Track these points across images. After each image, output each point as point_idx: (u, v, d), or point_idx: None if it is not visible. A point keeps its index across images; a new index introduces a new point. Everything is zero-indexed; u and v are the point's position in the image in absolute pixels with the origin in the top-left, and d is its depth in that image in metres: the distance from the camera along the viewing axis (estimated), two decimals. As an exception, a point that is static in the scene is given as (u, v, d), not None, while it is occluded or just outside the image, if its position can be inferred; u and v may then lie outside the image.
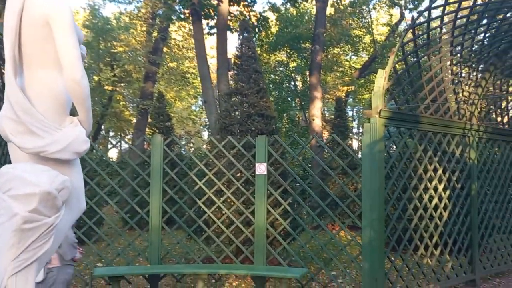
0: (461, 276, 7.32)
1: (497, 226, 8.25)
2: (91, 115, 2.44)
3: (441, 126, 7.11)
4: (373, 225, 5.98)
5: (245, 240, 7.37)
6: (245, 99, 8.86)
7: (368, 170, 6.10)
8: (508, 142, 8.67)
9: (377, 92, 6.20)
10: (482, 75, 7.71)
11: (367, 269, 6.00)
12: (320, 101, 19.84)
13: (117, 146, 30.65)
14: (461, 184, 7.49)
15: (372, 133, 6.10)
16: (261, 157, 6.82)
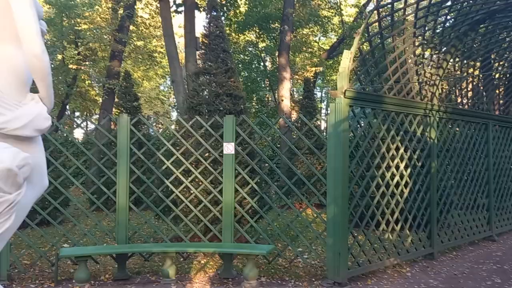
0: (420, 250, 7.67)
1: (455, 202, 8.65)
2: (52, 92, 2.42)
3: (404, 106, 7.33)
4: (337, 202, 6.17)
5: (213, 219, 7.46)
6: (213, 79, 8.83)
7: (333, 149, 6.26)
8: (467, 122, 9.03)
9: (342, 72, 6.32)
10: (444, 56, 7.95)
11: (331, 244, 6.21)
12: (289, 82, 19.96)
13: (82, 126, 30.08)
14: (421, 162, 7.78)
15: (337, 113, 6.24)
16: (229, 136, 6.86)
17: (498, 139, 10.12)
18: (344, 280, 6.14)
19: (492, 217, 9.57)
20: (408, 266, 7.30)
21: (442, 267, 7.31)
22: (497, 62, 10.31)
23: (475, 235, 9.06)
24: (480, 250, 8.56)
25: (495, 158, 9.88)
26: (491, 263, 7.52)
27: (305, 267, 7.03)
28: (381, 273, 6.87)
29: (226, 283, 6.34)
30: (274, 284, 6.32)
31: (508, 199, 10.38)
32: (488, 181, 9.60)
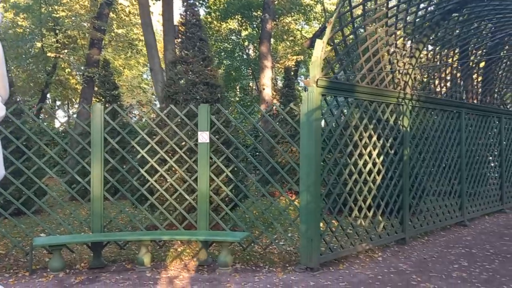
0: (393, 236, 7.86)
1: (427, 189, 8.86)
2: (6, 82, 2.43)
3: (377, 95, 7.45)
4: (310, 190, 6.29)
5: (190, 207, 7.53)
6: (190, 68, 8.83)
7: (306, 138, 6.35)
8: (440, 111, 9.21)
9: (314, 62, 6.39)
10: (416, 46, 8.07)
11: (304, 231, 6.34)
12: (270, 71, 20.00)
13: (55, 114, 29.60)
14: (394, 150, 7.94)
15: (310, 102, 6.32)
16: (203, 125, 6.91)
17: (471, 127, 10.35)
18: (316, 265, 6.29)
19: (464, 203, 9.83)
20: (380, 251, 7.49)
21: (413, 251, 7.52)
22: (474, 51, 10.51)
23: (447, 220, 9.31)
24: (451, 235, 8.81)
25: (467, 145, 10.11)
26: (460, 247, 7.76)
27: (279, 253, 7.16)
28: (354, 258, 7.05)
29: (201, 270, 6.44)
30: (248, 270, 6.44)
31: (480, 186, 10.66)
32: (460, 168, 9.84)
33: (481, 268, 6.47)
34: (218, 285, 5.76)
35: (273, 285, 5.72)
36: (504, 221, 10.40)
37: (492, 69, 11.38)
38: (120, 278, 6.07)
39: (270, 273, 6.25)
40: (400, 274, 6.20)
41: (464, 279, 5.98)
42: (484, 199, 10.85)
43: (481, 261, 6.86)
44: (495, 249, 7.66)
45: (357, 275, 6.17)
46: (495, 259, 6.97)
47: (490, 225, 9.90)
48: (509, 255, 7.21)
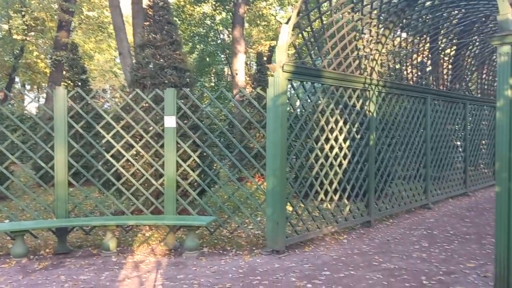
0: (358, 218, 8.05)
1: (393, 173, 9.07)
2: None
3: (343, 81, 7.54)
4: (276, 174, 6.36)
5: (158, 192, 7.50)
6: (158, 52, 8.72)
7: (272, 123, 6.39)
8: (406, 96, 9.39)
9: (280, 47, 6.41)
10: (382, 32, 8.17)
11: (270, 214, 6.42)
12: (243, 55, 19.91)
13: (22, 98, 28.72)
14: (360, 135, 8.08)
15: (276, 87, 6.35)
16: (170, 110, 6.86)
17: (437, 112, 10.61)
18: (282, 248, 6.39)
19: (428, 187, 10.11)
20: (345, 234, 7.67)
21: (377, 233, 7.72)
22: (444, 38, 10.70)
23: (411, 203, 9.57)
24: (415, 217, 9.07)
25: (433, 130, 10.37)
26: (423, 229, 8.01)
27: (247, 237, 7.24)
28: (320, 240, 7.19)
29: (168, 254, 6.46)
30: (215, 254, 6.49)
31: (444, 170, 10.98)
32: (425, 153, 10.09)
33: (441, 249, 6.71)
34: (184, 268, 5.80)
35: (239, 268, 5.79)
36: (467, 203, 10.76)
37: (460, 56, 11.63)
38: (85, 263, 6.04)
39: (236, 256, 6.32)
40: (363, 255, 6.37)
41: (424, 259, 6.18)
42: (448, 183, 11.18)
43: (441, 242, 7.10)
44: (455, 230, 7.94)
45: (322, 257, 6.31)
46: (455, 240, 7.23)
47: (453, 207, 10.23)
48: (468, 236, 7.49)
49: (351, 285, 5.15)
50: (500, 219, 4.48)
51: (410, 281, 5.29)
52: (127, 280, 5.37)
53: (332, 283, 5.20)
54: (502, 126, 4.48)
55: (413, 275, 5.49)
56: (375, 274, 5.55)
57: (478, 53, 12.12)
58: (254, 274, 5.53)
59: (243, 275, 5.48)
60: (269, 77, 6.47)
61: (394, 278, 5.38)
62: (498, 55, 4.50)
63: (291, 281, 5.28)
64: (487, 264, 5.92)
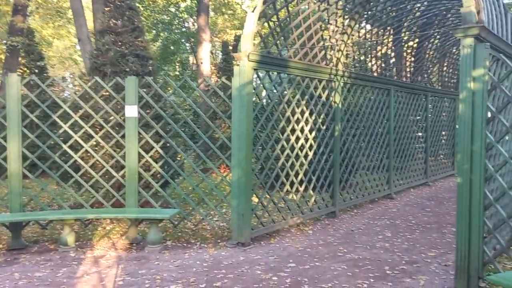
0: (323, 209, 8.07)
1: (357, 163, 9.15)
2: None
3: (309, 71, 7.48)
4: (241, 165, 6.25)
5: (119, 184, 7.24)
6: (119, 38, 8.39)
7: (237, 113, 6.27)
8: (370, 88, 9.47)
9: (246, 35, 6.27)
10: (348, 22, 8.16)
11: (235, 206, 6.32)
12: (208, 44, 19.60)
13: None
14: (326, 126, 8.08)
15: (241, 76, 6.22)
16: (131, 99, 6.61)
17: (400, 104, 10.77)
18: (247, 240, 6.32)
19: (391, 177, 10.28)
20: (311, 225, 7.68)
21: (342, 224, 7.77)
22: (408, 30, 10.82)
23: (375, 193, 9.71)
24: (379, 207, 9.21)
25: (396, 122, 10.53)
26: (386, 219, 8.13)
27: (212, 229, 7.12)
28: (285, 232, 7.16)
29: (129, 248, 6.26)
30: (179, 247, 6.34)
31: (406, 160, 11.20)
32: (388, 144, 10.25)
33: (403, 238, 6.82)
34: (146, 263, 5.63)
35: (203, 261, 5.67)
36: (427, 193, 11.03)
37: (420, 49, 11.83)
38: (42, 259, 5.76)
39: (201, 250, 6.20)
40: (327, 246, 6.38)
41: (387, 249, 6.26)
42: (410, 173, 11.43)
43: (404, 232, 7.22)
44: (417, 220, 8.10)
45: (287, 248, 6.28)
46: (416, 230, 7.37)
47: (415, 197, 10.47)
48: (429, 225, 7.65)
49: (316, 276, 5.14)
50: (461, 210, 4.55)
51: (374, 271, 5.33)
52: (85, 277, 5.15)
53: (297, 275, 5.17)
54: (464, 119, 4.53)
55: (376, 265, 5.54)
56: (340, 265, 5.56)
57: (439, 46, 12.37)
58: (219, 267, 5.43)
59: (207, 269, 5.37)
60: (235, 67, 6.33)
61: (359, 269, 5.40)
62: (462, 47, 4.54)
63: (256, 274, 5.22)
64: (448, 253, 6.05)
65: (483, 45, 4.46)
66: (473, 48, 4.46)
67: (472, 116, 4.49)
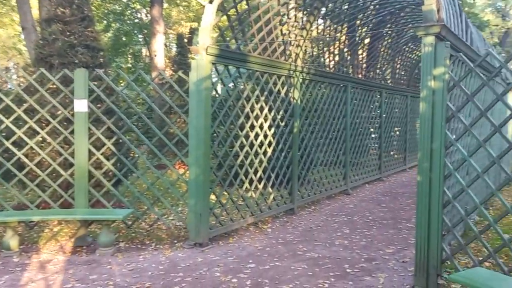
0: (282, 206, 7.99)
1: (315, 159, 9.13)
2: None
3: (268, 66, 7.34)
4: (199, 162, 6.02)
5: (68, 183, 6.80)
6: (67, 28, 7.87)
7: (195, 108, 6.03)
8: (328, 84, 9.47)
9: (204, 28, 6.03)
10: (307, 18, 8.09)
11: (193, 205, 6.09)
12: (162, 36, 19.08)
13: None
14: (285, 122, 7.98)
15: (199, 70, 5.98)
16: (80, 92, 6.20)
17: (356, 100, 10.88)
18: (205, 241, 6.11)
19: (347, 173, 10.37)
20: (269, 223, 7.57)
21: (300, 221, 7.72)
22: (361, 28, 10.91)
23: (332, 189, 9.75)
24: (336, 203, 9.25)
25: (352, 118, 10.62)
26: (343, 215, 8.16)
27: (168, 229, 6.85)
28: (244, 230, 7.01)
29: (79, 252, 5.89)
30: (133, 249, 6.04)
31: (362, 156, 11.34)
32: (345, 140, 10.32)
33: (361, 235, 6.85)
34: (97, 267, 5.30)
35: (159, 264, 5.42)
36: (382, 188, 11.24)
37: (375, 46, 12.01)
38: (-20, 266, 5.29)
39: (156, 251, 5.93)
40: (287, 245, 6.29)
41: (346, 246, 6.25)
42: (365, 169, 11.59)
43: (361, 228, 7.26)
44: (373, 215, 8.19)
45: (246, 248, 6.13)
46: (373, 226, 7.44)
47: (370, 192, 10.63)
48: (385, 221, 7.75)
49: (277, 277, 5.02)
50: (421, 208, 4.57)
51: (334, 270, 5.28)
52: (31, 284, 4.77)
53: (257, 276, 5.03)
54: (424, 117, 4.54)
55: (336, 264, 5.50)
56: (300, 264, 5.48)
57: (393, 44, 12.61)
58: (176, 270, 5.20)
59: (163, 272, 5.12)
60: (192, 60, 6.08)
61: (319, 268, 5.34)
62: (423, 45, 4.53)
63: (215, 276, 5.03)
64: (404, 249, 6.12)
65: (443, 44, 4.47)
66: (434, 46, 4.47)
67: (432, 115, 4.50)
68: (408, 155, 14.97)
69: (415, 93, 15.44)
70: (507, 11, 30.75)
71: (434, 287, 4.53)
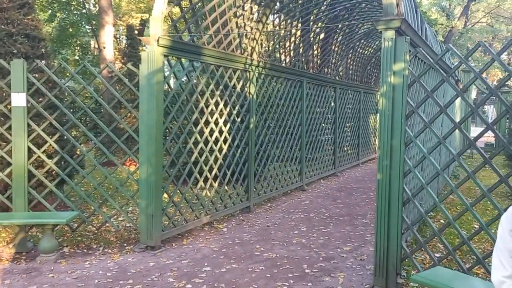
0: (238, 204, 7.76)
1: (272, 155, 8.97)
2: None
3: (224, 60, 7.07)
4: (150, 161, 5.67)
5: (6, 184, 6.24)
6: (4, 15, 7.22)
7: (146, 103, 5.66)
8: (284, 79, 9.32)
9: (155, 17, 5.66)
10: (263, 10, 7.87)
11: (144, 206, 5.73)
12: (111, 27, 18.24)
13: None
14: (241, 117, 7.74)
15: (150, 62, 5.62)
16: (18, 85, 5.67)
17: (311, 96, 10.81)
18: (157, 243, 5.78)
19: (303, 169, 10.30)
20: (225, 222, 7.32)
21: (257, 219, 7.53)
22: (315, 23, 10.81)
23: (288, 186, 9.64)
24: (292, 200, 9.15)
25: (307, 113, 10.55)
26: (300, 212, 8.06)
27: (117, 231, 6.45)
28: (198, 231, 6.73)
29: (18, 259, 5.39)
30: (78, 254, 5.61)
31: (317, 151, 11.32)
32: (301, 136, 10.23)
33: (318, 233, 6.75)
34: (38, 276, 4.85)
35: (107, 270, 5.04)
36: (337, 184, 11.28)
37: (328, 42, 11.98)
38: None
39: (104, 256, 5.53)
40: (244, 245, 6.08)
41: (304, 245, 6.12)
42: (320, 164, 11.58)
43: (318, 225, 7.17)
44: (329, 212, 8.15)
45: (201, 249, 5.86)
46: (330, 223, 7.38)
47: (325, 188, 10.61)
48: (342, 218, 7.72)
49: (234, 281, 4.79)
50: (380, 207, 4.49)
51: (293, 270, 5.13)
52: (-41, 299, 4.28)
53: (213, 280, 4.78)
54: (384, 113, 4.45)
55: (295, 264, 5.35)
56: (258, 265, 5.28)
57: (346, 40, 12.66)
58: (126, 276, 4.85)
59: (112, 280, 4.76)
60: (142, 52, 5.70)
61: (277, 269, 5.17)
62: (383, 40, 4.43)
63: (168, 282, 4.73)
64: (362, 247, 6.08)
65: (403, 38, 4.39)
66: (394, 41, 4.38)
67: (392, 111, 4.41)
68: (361, 151, 15.18)
69: (367, 89, 15.67)
70: (452, 10, 31.97)
71: (394, 286, 4.47)
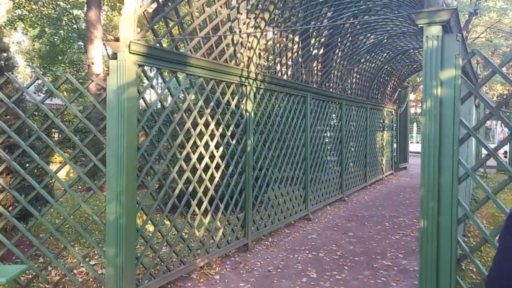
0: (233, 243, 6.52)
1: (272, 181, 7.75)
2: None
3: (215, 71, 5.91)
4: (121, 199, 4.45)
5: None
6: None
7: (115, 125, 4.46)
8: (286, 94, 8.17)
9: (126, 17, 4.51)
10: (262, 14, 6.74)
11: (112, 256, 4.49)
12: (101, 42, 17.25)
13: None
14: (236, 139, 6.55)
15: (120, 74, 4.44)
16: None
17: (316, 113, 9.67)
18: (130, 302, 4.52)
19: (308, 196, 9.08)
20: (218, 265, 6.07)
21: (256, 260, 6.28)
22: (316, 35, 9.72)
23: (291, 216, 8.41)
24: (296, 233, 7.90)
25: (312, 132, 9.38)
26: (307, 250, 6.81)
27: (84, 282, 5.19)
28: (184, 279, 5.47)
29: None
30: (28, 318, 4.35)
31: (323, 175, 10.11)
32: (305, 157, 9.04)
33: (332, 281, 5.49)
34: None
35: None
36: (345, 211, 10.02)
37: (329, 56, 10.86)
38: None
39: (60, 322, 4.27)
40: (240, 302, 4.82)
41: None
42: (327, 189, 10.37)
43: (330, 270, 5.92)
44: (342, 249, 6.90)
45: (186, 310, 4.60)
46: (344, 265, 6.13)
47: (333, 217, 9.36)
48: (357, 258, 6.47)
49: None
50: (426, 266, 3.27)
51: None
52: None
53: None
54: (429, 138, 3.26)
55: (307, 333, 4.10)
56: (258, 336, 4.03)
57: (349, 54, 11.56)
58: None
59: None
60: (110, 61, 4.53)
61: None
62: (425, 39, 3.27)
63: None
64: (389, 302, 4.83)
65: (453, 36, 3.23)
66: (440, 40, 3.22)
67: (439, 135, 3.23)
68: (368, 171, 13.97)
69: (374, 104, 14.55)
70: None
71: None
